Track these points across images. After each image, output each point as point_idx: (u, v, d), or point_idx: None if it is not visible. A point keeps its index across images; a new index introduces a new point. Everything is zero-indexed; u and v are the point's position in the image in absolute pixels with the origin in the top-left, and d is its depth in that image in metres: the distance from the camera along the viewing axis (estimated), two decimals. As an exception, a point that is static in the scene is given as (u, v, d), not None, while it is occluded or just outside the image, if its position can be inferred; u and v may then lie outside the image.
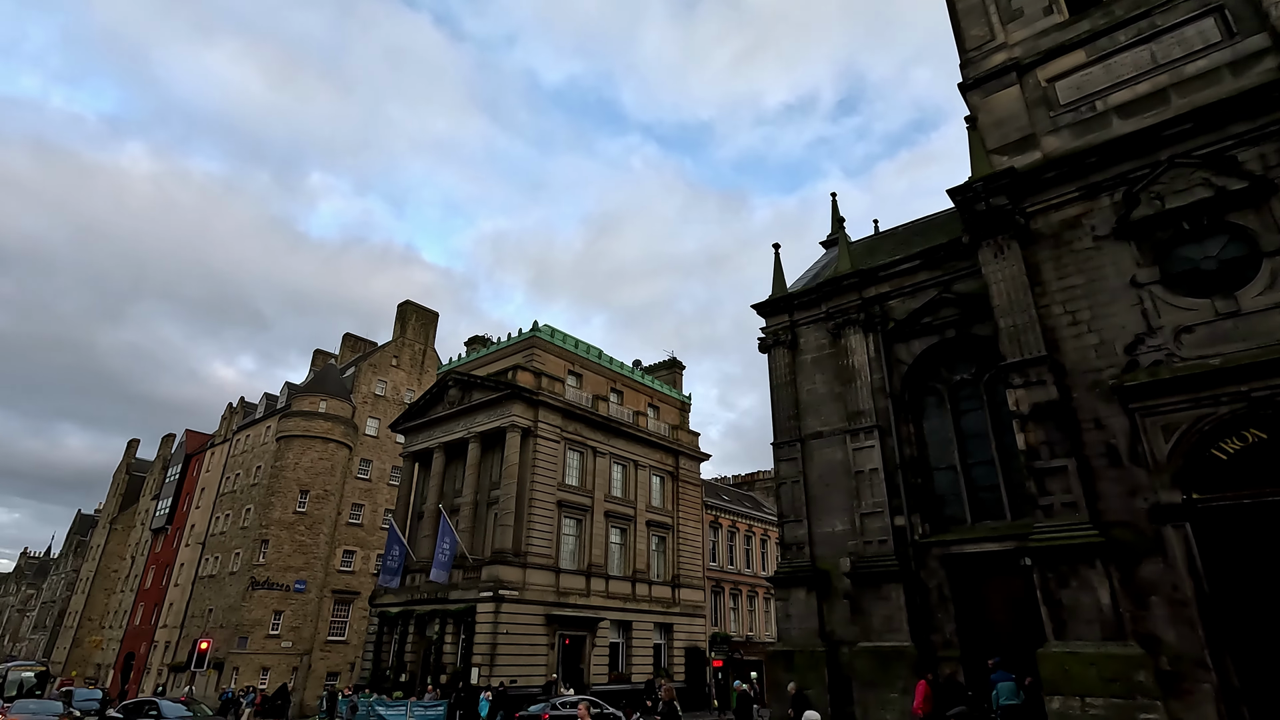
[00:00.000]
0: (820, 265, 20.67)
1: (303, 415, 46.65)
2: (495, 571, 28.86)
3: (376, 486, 49.81)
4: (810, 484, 16.33)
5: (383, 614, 33.08)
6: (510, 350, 36.19)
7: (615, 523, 35.32)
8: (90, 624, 68.48)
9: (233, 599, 44.96)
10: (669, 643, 36.06)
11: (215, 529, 52.70)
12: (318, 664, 43.05)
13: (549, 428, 32.78)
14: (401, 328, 55.92)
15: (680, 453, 40.06)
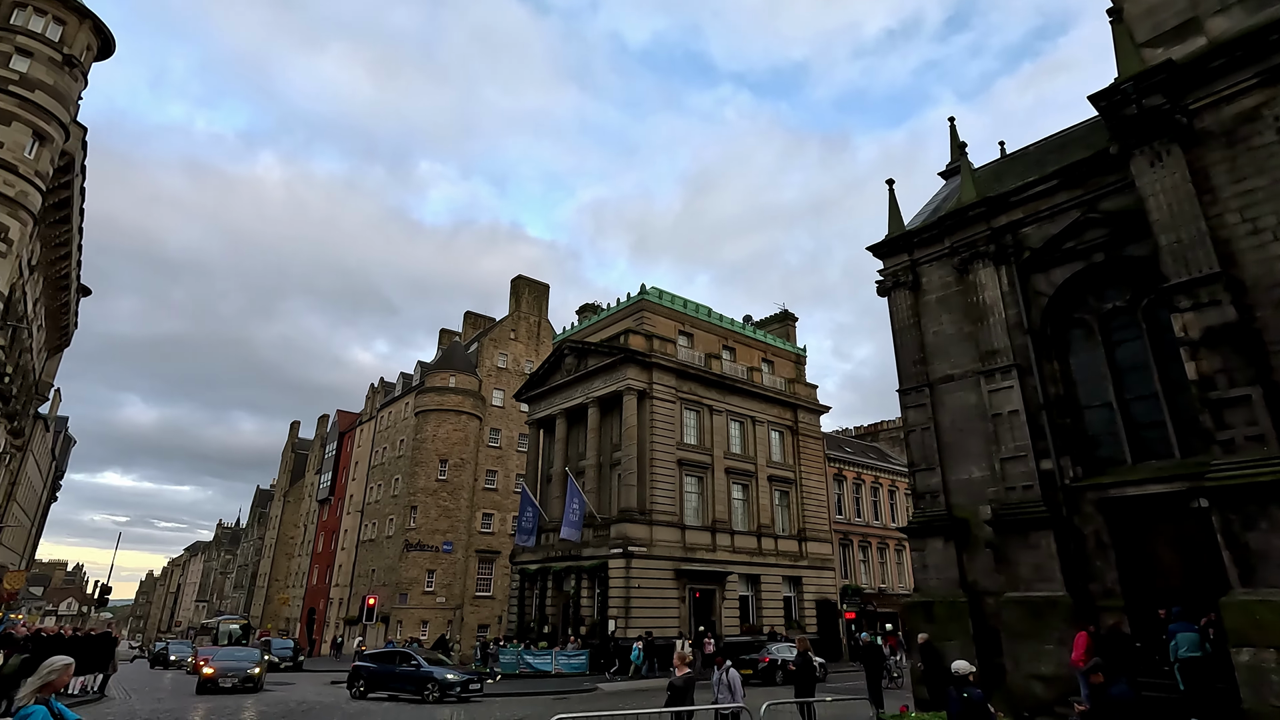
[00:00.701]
0: (940, 198, 19.22)
1: (435, 391, 49.92)
2: (623, 529, 29.86)
3: (506, 453, 52.72)
4: (942, 430, 15.49)
5: (522, 571, 35.28)
6: (620, 315, 36.69)
7: (736, 479, 35.40)
8: (277, 583, 78.03)
9: (390, 560, 49.59)
10: (798, 595, 36.02)
11: (370, 498, 58.04)
12: (469, 617, 46.80)
13: (663, 389, 33.12)
14: (516, 302, 58.12)
15: (798, 406, 39.30)
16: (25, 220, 22.12)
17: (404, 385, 60.28)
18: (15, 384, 29.61)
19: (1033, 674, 12.57)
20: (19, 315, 26.56)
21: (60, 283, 33.71)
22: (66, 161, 24.96)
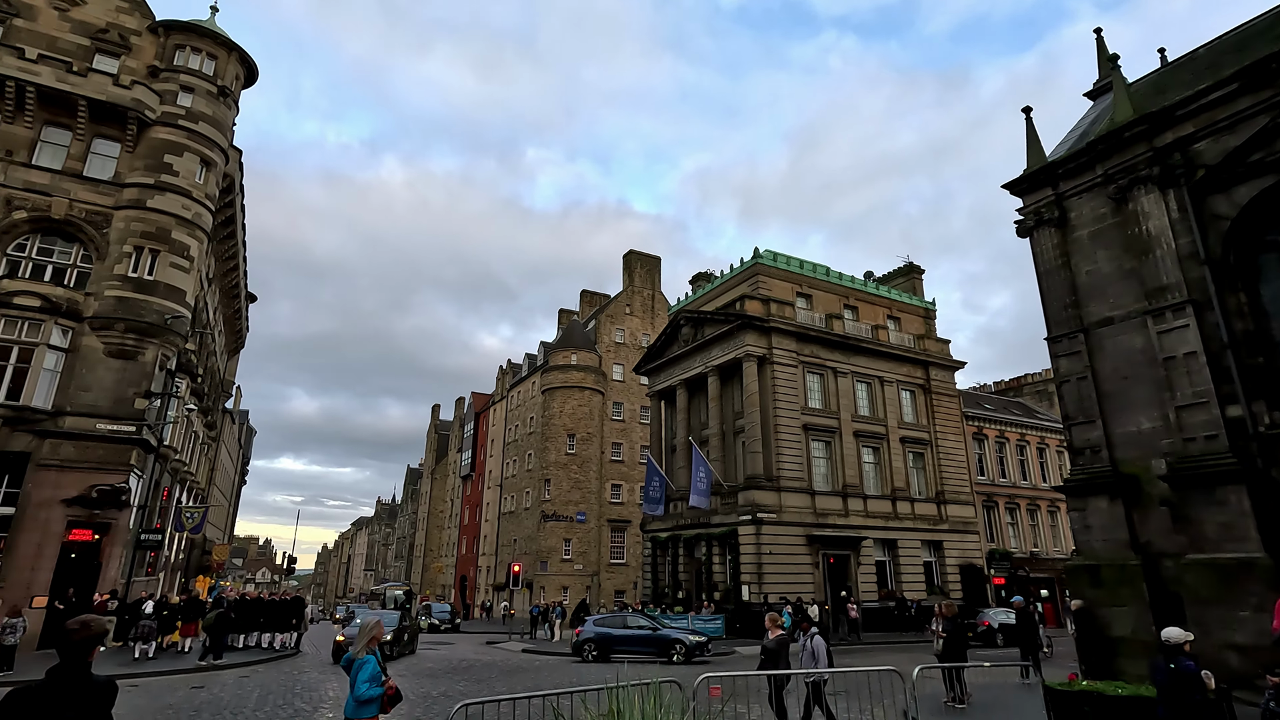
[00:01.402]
0: (1088, 122, 17.20)
1: (558, 369, 51.84)
2: (751, 496, 29.78)
3: (630, 426, 53.96)
4: (1101, 378, 14.06)
5: (653, 539, 36.18)
6: (734, 281, 36.17)
7: (866, 442, 34.19)
8: (431, 553, 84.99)
9: (530, 530, 52.52)
10: (939, 560, 34.46)
11: (507, 473, 61.57)
12: (606, 583, 48.78)
13: (784, 353, 32.42)
14: (629, 276, 58.83)
15: (929, 363, 37.18)
16: (201, 239, 25.05)
17: (529, 365, 63.04)
18: (206, 383, 33.89)
19: (1226, 643, 11.31)
20: (204, 322, 30.28)
21: (231, 291, 38.00)
22: (228, 183, 27.93)
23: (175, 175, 24.10)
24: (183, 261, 23.96)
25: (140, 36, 25.68)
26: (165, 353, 23.45)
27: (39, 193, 22.31)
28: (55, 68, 23.00)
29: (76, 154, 23.33)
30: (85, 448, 20.99)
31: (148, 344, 22.61)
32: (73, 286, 22.23)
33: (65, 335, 21.62)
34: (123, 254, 22.74)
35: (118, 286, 22.43)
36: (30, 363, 20.92)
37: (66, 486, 20.42)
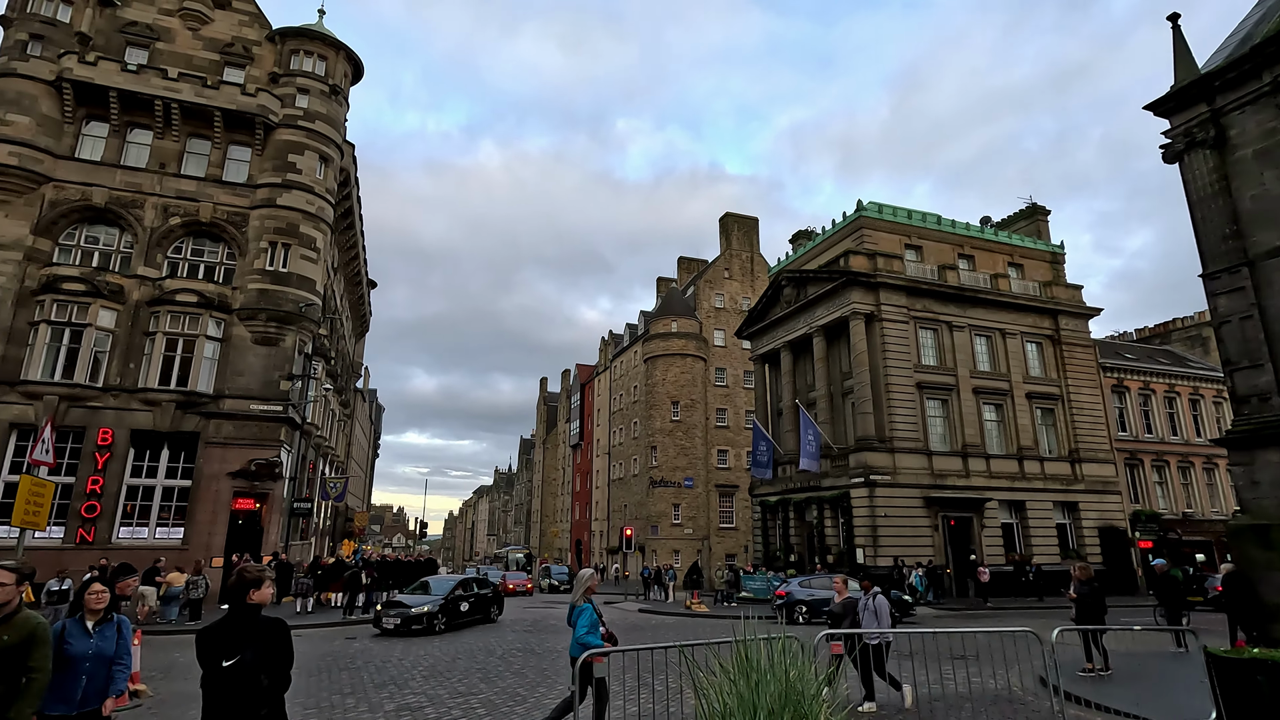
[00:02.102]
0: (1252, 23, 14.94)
1: (659, 337, 52.16)
2: (863, 458, 28.93)
3: (734, 391, 53.66)
4: (1269, 317, 12.41)
5: (762, 503, 36.05)
6: (837, 237, 34.76)
7: (987, 399, 32.21)
8: (547, 519, 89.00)
9: (639, 496, 53.75)
10: (1074, 522, 32.17)
11: (614, 441, 63.10)
12: (716, 546, 49.28)
13: (893, 309, 30.94)
14: (726, 240, 57.93)
15: (1058, 311, 34.31)
16: (325, 230, 27.01)
17: (630, 335, 63.85)
18: (339, 365, 36.81)
19: None
20: (333, 308, 32.78)
21: (354, 278, 40.82)
22: (344, 177, 29.83)
23: (299, 173, 26.01)
24: (311, 253, 25.95)
25: (260, 46, 27.67)
26: (302, 338, 25.62)
27: (188, 199, 24.78)
28: (193, 84, 25.26)
29: (216, 161, 25.66)
30: (242, 426, 23.45)
31: (287, 331, 24.78)
32: (221, 282, 24.65)
33: (219, 326, 24.09)
34: (260, 249, 24.92)
35: (258, 279, 24.65)
36: (193, 353, 23.52)
37: (230, 461, 22.95)
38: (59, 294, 22.39)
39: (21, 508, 9.35)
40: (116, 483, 22.00)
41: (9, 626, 3.92)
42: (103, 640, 4.57)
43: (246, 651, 3.74)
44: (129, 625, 4.93)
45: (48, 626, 4.14)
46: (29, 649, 3.94)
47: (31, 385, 21.57)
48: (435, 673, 11.78)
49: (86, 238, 24.09)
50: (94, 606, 4.63)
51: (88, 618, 4.62)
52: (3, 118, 23.03)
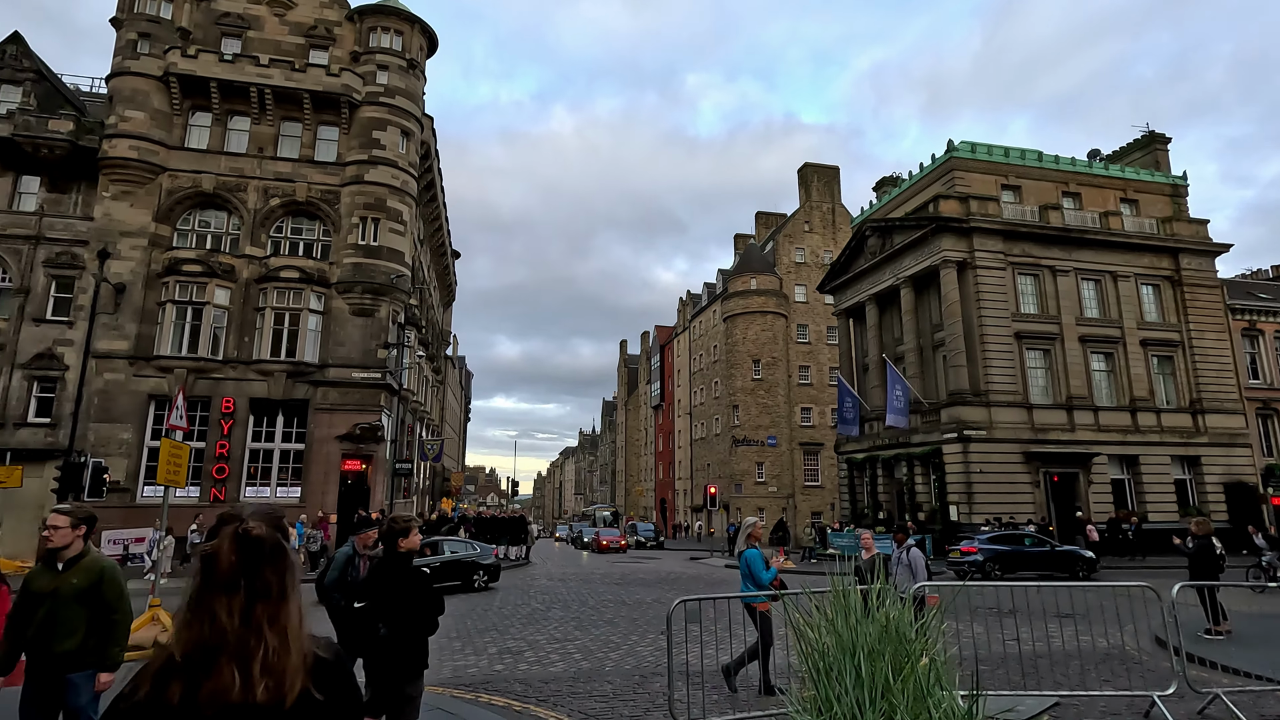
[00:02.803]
0: None
1: (739, 295, 51.43)
2: (955, 413, 27.78)
3: (816, 347, 52.47)
4: None
5: (849, 460, 35.38)
6: (926, 181, 32.88)
7: (1095, 348, 30.06)
8: (632, 478, 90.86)
9: (722, 455, 53.89)
10: (1196, 478, 29.85)
11: (695, 401, 63.28)
12: (801, 505, 48.97)
13: (988, 255, 29.15)
14: (805, 191, 55.99)
15: (1180, 250, 31.36)
16: (410, 204, 28.00)
17: (709, 295, 63.25)
18: (429, 333, 38.46)
19: None
20: (421, 279, 34.14)
21: (439, 250, 42.25)
22: (425, 150, 30.68)
23: (383, 149, 26.95)
24: (398, 226, 26.99)
25: (341, 26, 28.55)
26: (395, 308, 26.87)
27: (285, 180, 26.21)
28: (282, 68, 26.45)
29: (307, 142, 26.92)
30: (346, 393, 25.02)
31: (380, 302, 26.04)
32: (319, 258, 26.10)
33: (320, 300, 25.60)
34: (351, 225, 26.14)
35: (352, 254, 25.93)
36: (298, 325, 25.15)
37: (337, 426, 24.60)
38: (180, 275, 24.36)
39: (164, 468, 10.40)
40: (240, 447, 24.07)
41: (77, 570, 3.84)
42: None
43: (376, 601, 3.98)
44: None
45: (116, 567, 4.03)
46: (100, 590, 3.87)
47: (163, 360, 23.74)
48: (533, 620, 12.40)
49: (199, 222, 25.99)
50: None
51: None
52: (122, 115, 24.94)
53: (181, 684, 1.37)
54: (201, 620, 1.42)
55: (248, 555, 1.48)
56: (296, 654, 1.45)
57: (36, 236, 24.06)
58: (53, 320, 23.81)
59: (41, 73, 26.89)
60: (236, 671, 1.39)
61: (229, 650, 1.40)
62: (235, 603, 1.43)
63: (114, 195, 24.71)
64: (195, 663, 1.39)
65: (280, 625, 1.45)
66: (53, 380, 23.49)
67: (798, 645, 2.64)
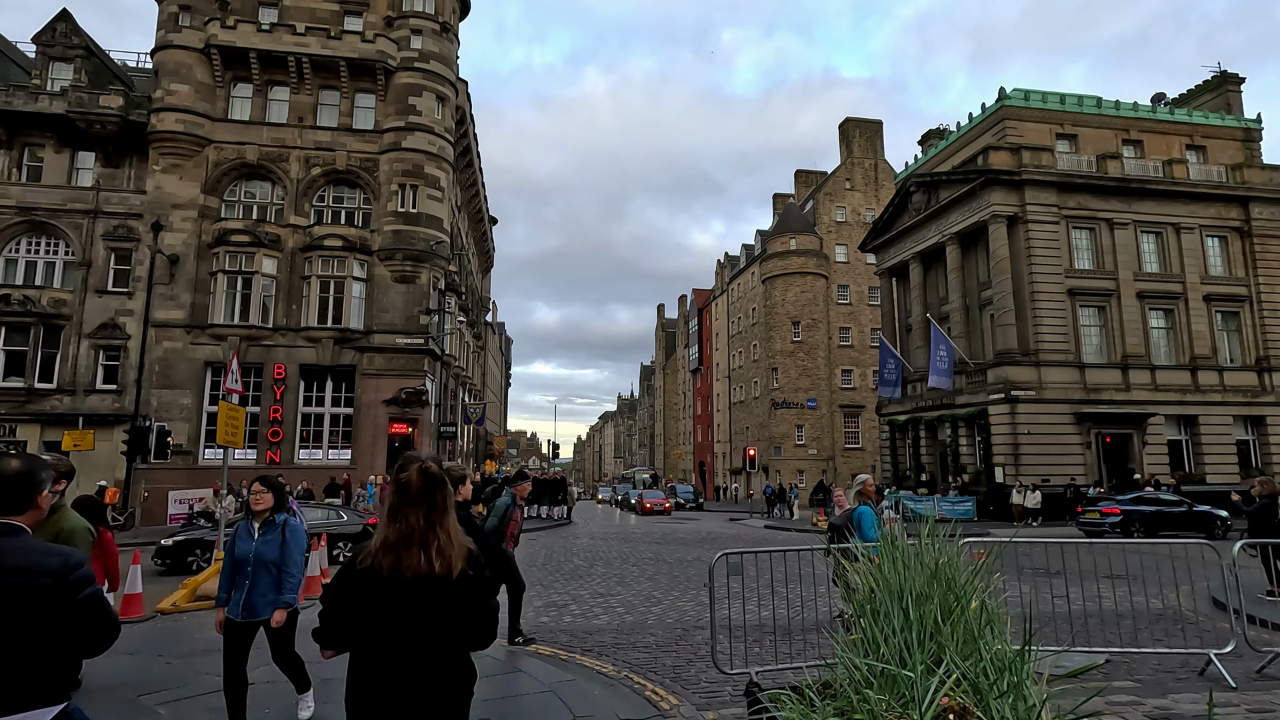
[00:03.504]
0: None
1: (778, 256, 50.59)
2: (1003, 373, 27.08)
3: (857, 309, 51.50)
4: None
5: (891, 422, 34.93)
6: (975, 133, 31.54)
7: (1154, 304, 28.80)
8: (670, 441, 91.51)
9: (761, 418, 53.76)
10: (1260, 438, 28.67)
11: (733, 364, 63.02)
12: (841, 467, 48.71)
13: (1041, 208, 27.97)
14: (847, 148, 54.33)
15: (1250, 198, 29.60)
16: (446, 170, 28.09)
17: (747, 257, 62.37)
18: (469, 300, 38.94)
19: None
20: (460, 246, 34.44)
21: (476, 216, 42.45)
22: (460, 115, 30.61)
23: (419, 115, 26.97)
24: (436, 193, 27.17)
25: (373, -9, 28.39)
26: (435, 275, 27.22)
27: (325, 149, 26.52)
28: (318, 36, 26.53)
29: (345, 110, 27.12)
30: (391, 359, 25.61)
31: (421, 269, 26.40)
32: (361, 226, 26.50)
33: (363, 267, 26.07)
34: (391, 192, 26.40)
35: (392, 221, 26.25)
36: (343, 293, 25.72)
37: (383, 390, 25.27)
38: (229, 246, 25.06)
39: (222, 430, 10.86)
40: (293, 411, 24.95)
41: (41, 528, 3.64)
42: (264, 544, 4.39)
43: None
44: (300, 531, 4.63)
45: (85, 530, 3.92)
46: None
47: (217, 328, 24.60)
48: (576, 576, 12.71)
49: (245, 193, 26.57)
50: (254, 507, 4.50)
51: (253, 519, 4.51)
52: (167, 88, 25.46)
53: (390, 559, 2.17)
54: (398, 521, 2.20)
55: (428, 482, 2.25)
56: (459, 545, 2.24)
57: (95, 211, 24.95)
58: (114, 291, 24.83)
59: (90, 49, 27.55)
60: (422, 553, 2.18)
61: (416, 540, 2.19)
62: (419, 511, 2.21)
63: (164, 169, 25.39)
64: (395, 547, 2.18)
65: (446, 527, 2.24)
66: (116, 349, 24.60)
67: (843, 590, 2.64)
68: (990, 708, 1.84)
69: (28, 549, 2.13)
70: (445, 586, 2.19)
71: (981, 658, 2.01)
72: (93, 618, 2.14)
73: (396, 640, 2.17)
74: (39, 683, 2.07)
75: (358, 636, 2.22)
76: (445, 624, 2.20)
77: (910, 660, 2.07)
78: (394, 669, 2.16)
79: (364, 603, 2.19)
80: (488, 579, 2.34)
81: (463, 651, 2.28)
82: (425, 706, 2.16)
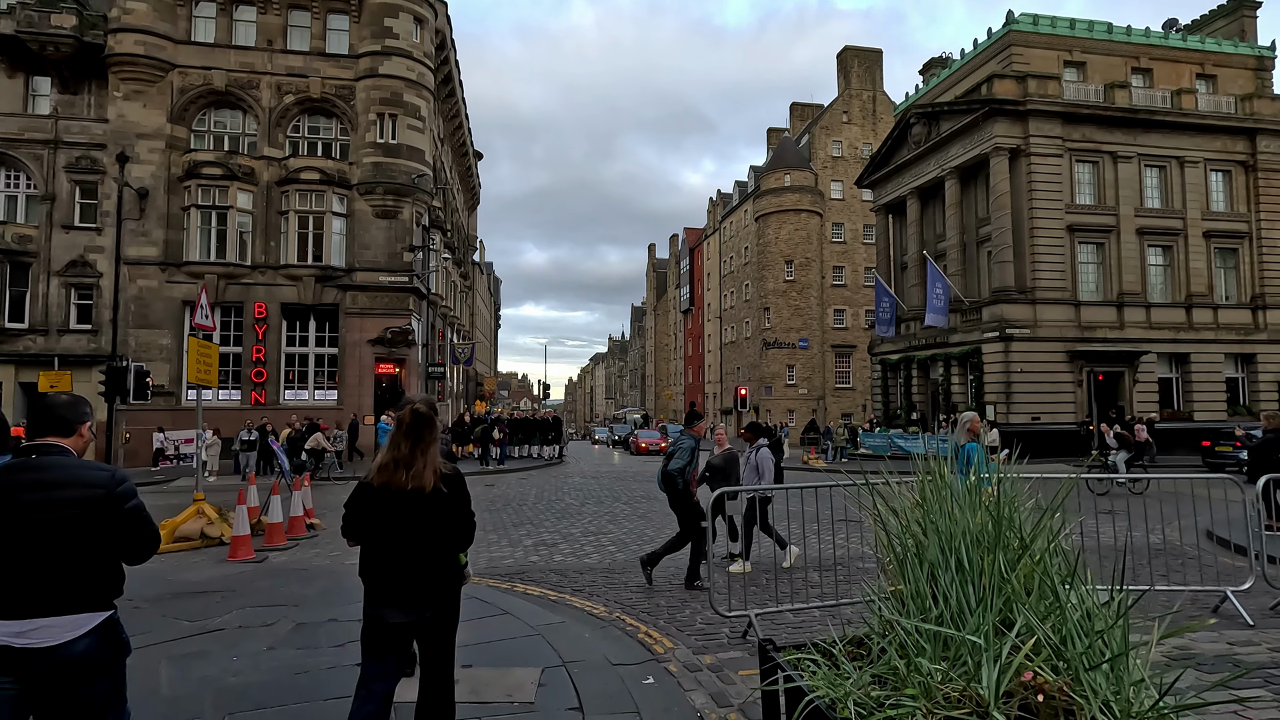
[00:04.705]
0: None
1: (771, 193, 49.36)
2: (998, 311, 26.76)
3: (852, 247, 50.72)
4: None
5: (883, 361, 34.78)
6: (980, 60, 30.24)
7: (1153, 241, 28.31)
8: (661, 382, 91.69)
9: (752, 358, 53.61)
10: (1248, 376, 28.74)
11: (725, 304, 62.44)
12: (832, 406, 48.92)
13: (1044, 140, 27.07)
14: (844, 79, 52.37)
15: (1258, 130, 28.74)
16: (427, 98, 26.72)
17: (740, 194, 60.95)
18: (455, 237, 37.88)
19: None
20: (444, 180, 33.21)
21: (460, 150, 40.89)
22: (440, 40, 28.93)
23: (396, 38, 25.43)
24: (417, 122, 25.90)
25: (342, -101, 26.31)
26: (418, 210, 26.24)
27: (298, 75, 25.06)
28: (284, -51, 24.67)
29: (317, 33, 25.51)
30: (374, 297, 24.91)
31: (403, 203, 25.41)
32: (339, 158, 25.33)
33: (342, 202, 25.05)
34: (369, 122, 25.13)
35: (371, 153, 25.07)
36: (323, 229, 24.78)
37: (368, 330, 24.67)
38: (201, 179, 23.91)
39: (194, 368, 10.36)
40: (276, 351, 24.38)
41: None
42: None
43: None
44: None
45: None
46: None
47: (193, 265, 23.73)
48: (566, 514, 12.55)
49: (215, 122, 25.21)
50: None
51: None
52: (124, 7, 23.73)
53: (382, 477, 2.86)
54: (394, 449, 2.86)
55: (417, 419, 2.88)
56: (432, 469, 2.86)
57: (55, 141, 23.63)
58: (81, 227, 23.78)
59: (37, -37, 25.54)
60: (406, 473, 2.83)
61: (403, 464, 2.84)
62: (408, 442, 2.85)
63: (125, 95, 23.95)
64: (387, 468, 2.86)
65: (428, 455, 2.86)
66: (89, 287, 23.75)
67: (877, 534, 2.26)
68: (1083, 683, 1.47)
69: (78, 465, 2.35)
70: (422, 498, 2.85)
71: (1066, 619, 1.64)
72: (138, 527, 2.38)
73: (388, 536, 2.88)
74: (91, 588, 2.28)
75: (364, 533, 2.94)
76: (425, 526, 2.88)
77: (972, 620, 1.69)
78: (387, 556, 2.88)
79: (366, 509, 2.91)
80: (463, 494, 3.00)
81: (444, 547, 2.94)
82: (413, 583, 2.86)
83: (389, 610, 2.83)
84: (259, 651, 4.69)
